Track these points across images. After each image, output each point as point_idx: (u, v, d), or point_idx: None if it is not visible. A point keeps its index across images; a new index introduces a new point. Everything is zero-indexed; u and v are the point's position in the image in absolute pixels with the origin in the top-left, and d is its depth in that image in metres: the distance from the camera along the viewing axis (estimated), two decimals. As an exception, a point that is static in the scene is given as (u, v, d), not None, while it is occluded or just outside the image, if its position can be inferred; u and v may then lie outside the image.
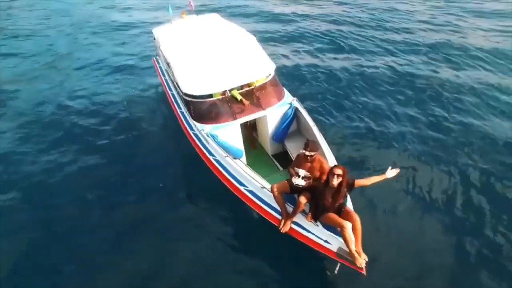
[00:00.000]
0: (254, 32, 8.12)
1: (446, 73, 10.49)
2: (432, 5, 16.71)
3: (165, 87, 8.69)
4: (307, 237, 4.46)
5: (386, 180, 4.41)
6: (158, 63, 9.83)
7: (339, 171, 4.17)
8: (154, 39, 9.32)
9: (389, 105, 9.08)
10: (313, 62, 11.78)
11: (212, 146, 5.97)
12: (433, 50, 11.89)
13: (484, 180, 6.52)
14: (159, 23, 10.48)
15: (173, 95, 7.98)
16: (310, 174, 4.54)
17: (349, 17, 15.77)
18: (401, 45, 12.57)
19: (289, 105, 6.69)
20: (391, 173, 4.40)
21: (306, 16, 16.26)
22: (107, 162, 7.62)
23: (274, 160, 7.04)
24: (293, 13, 16.79)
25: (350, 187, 4.35)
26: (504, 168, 6.77)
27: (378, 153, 7.48)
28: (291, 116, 6.66)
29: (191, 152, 6.70)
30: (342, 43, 13.11)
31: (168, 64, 7.69)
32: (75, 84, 11.30)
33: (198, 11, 9.92)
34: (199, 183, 6.82)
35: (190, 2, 9.45)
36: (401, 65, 11.14)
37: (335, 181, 4.15)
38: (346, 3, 17.83)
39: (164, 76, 8.99)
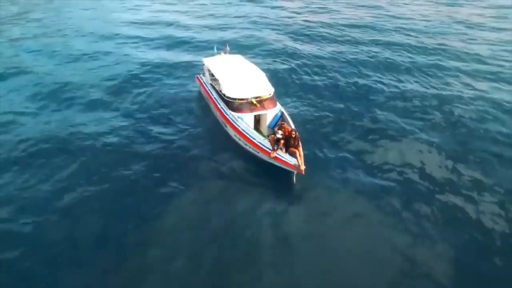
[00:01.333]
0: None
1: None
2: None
3: (208, 93, 14.91)
4: (282, 159, 10.58)
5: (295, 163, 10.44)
6: (201, 79, 16.12)
7: (293, 132, 10.54)
8: (203, 64, 15.63)
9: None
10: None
11: (240, 122, 12.10)
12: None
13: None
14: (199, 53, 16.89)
15: (215, 98, 14.13)
16: (283, 133, 10.82)
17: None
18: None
19: (279, 110, 13.00)
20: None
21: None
22: (178, 138, 13.61)
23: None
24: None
25: (299, 139, 10.64)
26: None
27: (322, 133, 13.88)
28: (279, 115, 12.94)
29: (220, 130, 13.07)
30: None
31: (215, 79, 13.96)
32: (148, 91, 17.41)
33: (231, 53, 16.44)
34: (227, 145, 12.98)
35: (227, 46, 16.02)
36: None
37: (293, 135, 10.45)
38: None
39: (207, 86, 15.21)
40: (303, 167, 10.21)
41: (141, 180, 11.22)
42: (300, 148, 10.61)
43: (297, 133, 10.87)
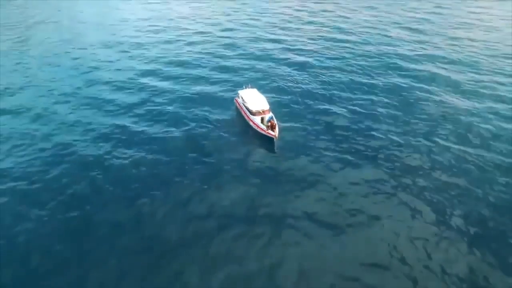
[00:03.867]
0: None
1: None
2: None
3: (241, 108, 32.83)
4: (270, 133, 27.91)
5: (274, 134, 27.94)
6: (237, 100, 34.14)
7: (274, 123, 28.28)
8: (238, 93, 33.68)
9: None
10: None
11: (255, 120, 29.98)
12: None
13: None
14: (234, 85, 35.06)
15: (244, 110, 32.03)
16: (270, 124, 28.50)
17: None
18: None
19: (271, 114, 30.70)
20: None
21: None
22: (217, 138, 31.48)
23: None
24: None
25: (276, 126, 28.42)
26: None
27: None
28: (271, 116, 30.43)
29: (245, 126, 31.01)
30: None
31: (244, 101, 31.98)
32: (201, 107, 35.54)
33: (252, 86, 34.40)
34: (249, 134, 30.83)
35: (249, 85, 34.13)
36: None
37: (273, 125, 28.21)
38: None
39: (240, 104, 33.16)
40: (277, 136, 27.71)
41: (208, 144, 29.14)
42: (276, 129, 28.10)
43: (275, 123, 28.46)
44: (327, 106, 35.05)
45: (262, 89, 35.83)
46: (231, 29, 64.63)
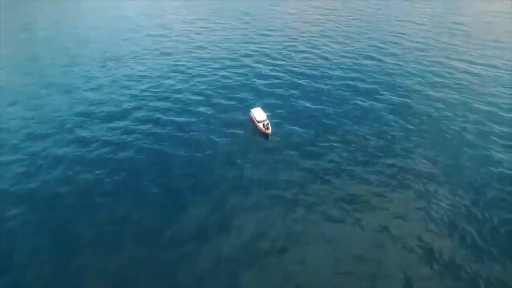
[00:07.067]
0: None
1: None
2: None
3: (252, 118, 58.69)
4: (266, 131, 53.49)
5: (269, 132, 53.37)
6: (250, 113, 60.09)
7: (268, 125, 54.13)
8: (251, 110, 59.74)
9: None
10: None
11: (259, 125, 55.88)
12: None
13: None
14: (248, 104, 61.19)
15: (253, 119, 57.86)
16: (266, 126, 54.31)
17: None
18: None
19: (267, 120, 56.34)
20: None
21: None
22: (236, 136, 57.11)
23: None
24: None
25: (270, 127, 54.11)
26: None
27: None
28: (268, 121, 56.22)
29: (252, 129, 56.92)
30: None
31: (253, 114, 58.10)
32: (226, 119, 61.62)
33: (259, 106, 60.27)
34: (254, 133, 56.43)
35: (257, 105, 60.25)
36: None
37: (268, 126, 53.97)
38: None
39: (252, 116, 59.08)
40: (270, 133, 53.09)
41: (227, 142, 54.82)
42: (270, 129, 53.47)
43: (269, 126, 53.93)
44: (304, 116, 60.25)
45: (264, 107, 61.86)
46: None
